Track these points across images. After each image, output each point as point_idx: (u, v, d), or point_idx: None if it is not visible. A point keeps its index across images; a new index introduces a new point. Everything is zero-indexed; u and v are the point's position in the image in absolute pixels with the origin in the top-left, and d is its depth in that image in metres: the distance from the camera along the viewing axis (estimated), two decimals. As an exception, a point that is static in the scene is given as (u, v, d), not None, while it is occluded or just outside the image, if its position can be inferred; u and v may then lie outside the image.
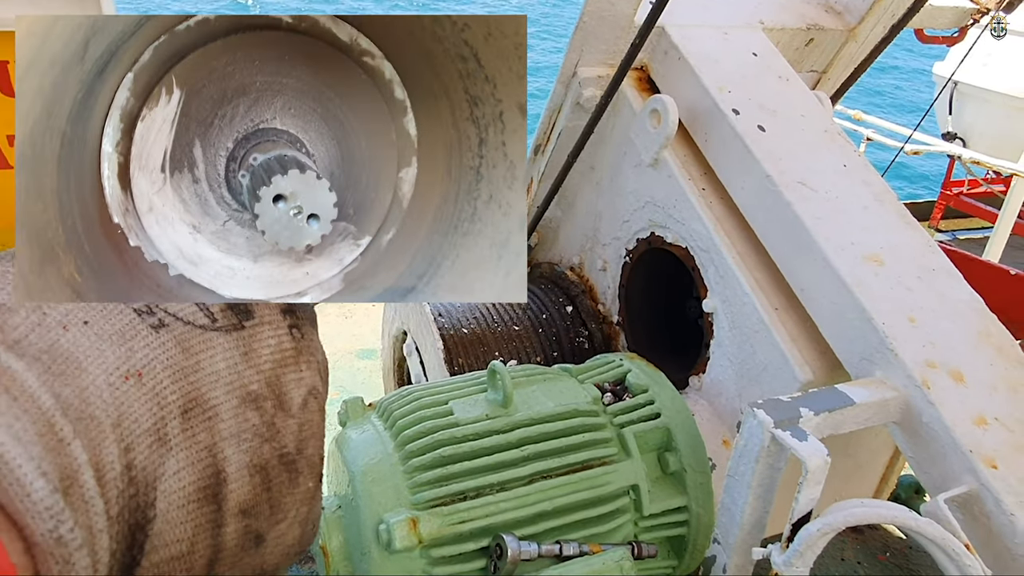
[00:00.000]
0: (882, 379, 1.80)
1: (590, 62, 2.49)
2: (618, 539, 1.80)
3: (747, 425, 1.63)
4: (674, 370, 2.31)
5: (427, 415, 1.81)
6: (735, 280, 2.16)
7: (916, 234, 2.10)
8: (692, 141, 2.40)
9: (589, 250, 2.89)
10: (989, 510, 1.59)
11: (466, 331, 2.61)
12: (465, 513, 1.66)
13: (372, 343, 4.61)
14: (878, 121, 5.94)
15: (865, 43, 2.87)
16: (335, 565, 1.70)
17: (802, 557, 1.50)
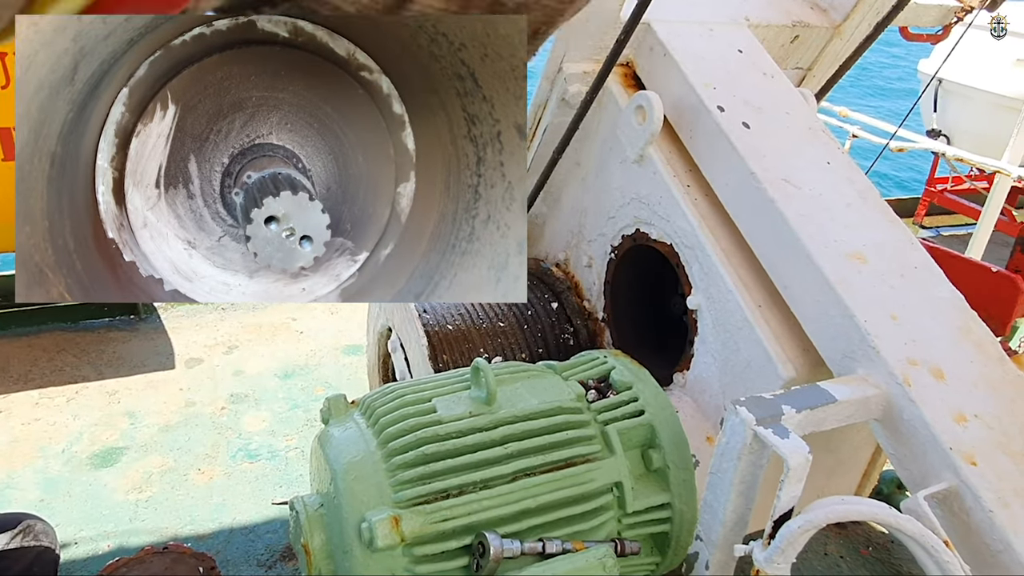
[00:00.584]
0: (864, 376, 1.80)
1: (575, 58, 2.48)
2: (601, 536, 1.80)
3: (729, 423, 1.63)
4: (659, 367, 2.31)
5: (410, 413, 1.80)
6: (719, 277, 2.17)
7: (899, 231, 2.11)
8: (677, 138, 2.40)
9: (575, 246, 2.89)
10: (968, 506, 1.60)
11: (451, 327, 2.60)
12: (448, 511, 1.65)
13: (358, 339, 4.60)
14: (863, 118, 5.96)
15: (850, 40, 2.88)
16: (317, 564, 1.69)
17: (783, 554, 1.50)
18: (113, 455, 3.57)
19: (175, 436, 3.73)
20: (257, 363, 4.38)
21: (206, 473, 3.49)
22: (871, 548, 3.29)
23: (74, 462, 3.51)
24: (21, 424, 3.73)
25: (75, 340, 4.45)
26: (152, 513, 3.24)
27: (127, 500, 3.30)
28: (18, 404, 3.87)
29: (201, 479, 3.46)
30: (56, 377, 4.11)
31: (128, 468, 3.49)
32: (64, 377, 4.11)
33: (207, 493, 3.38)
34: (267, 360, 4.42)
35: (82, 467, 3.48)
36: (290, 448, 3.69)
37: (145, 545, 2.26)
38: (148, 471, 3.48)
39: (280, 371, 4.32)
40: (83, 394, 3.99)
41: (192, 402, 3.99)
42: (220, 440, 3.72)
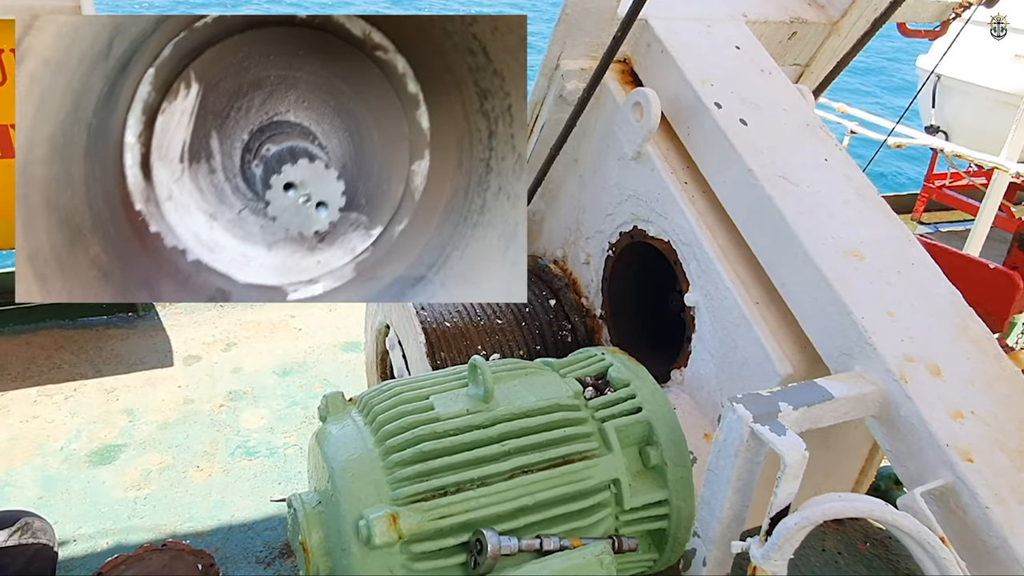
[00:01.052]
0: (861, 373, 1.81)
1: (573, 54, 2.48)
2: (599, 533, 1.80)
3: (726, 420, 1.63)
4: (657, 363, 2.31)
5: (407, 410, 1.80)
6: (716, 274, 2.17)
7: (896, 228, 2.11)
8: (675, 134, 2.40)
9: (572, 243, 2.89)
10: (965, 503, 1.60)
11: (448, 325, 2.60)
12: (445, 508, 1.65)
13: (356, 336, 4.60)
14: (862, 114, 5.96)
15: (848, 37, 2.87)
16: (315, 561, 1.69)
17: (780, 551, 1.50)
18: (111, 452, 3.57)
19: (173, 433, 3.73)
20: (255, 360, 4.38)
21: (205, 470, 3.50)
22: (869, 544, 3.30)
23: (72, 459, 3.51)
24: (19, 422, 3.73)
25: (73, 337, 4.45)
26: (151, 510, 3.25)
27: (126, 497, 3.30)
28: (16, 402, 3.87)
29: (200, 476, 3.46)
30: (54, 375, 4.11)
31: (126, 465, 3.49)
32: (62, 375, 4.11)
33: (206, 490, 3.38)
34: (265, 357, 4.42)
35: (80, 464, 3.48)
36: (288, 445, 3.70)
37: (144, 542, 2.26)
38: (147, 468, 3.48)
39: (278, 368, 4.32)
40: (81, 391, 3.99)
41: (190, 399, 3.99)
42: (219, 437, 3.73)
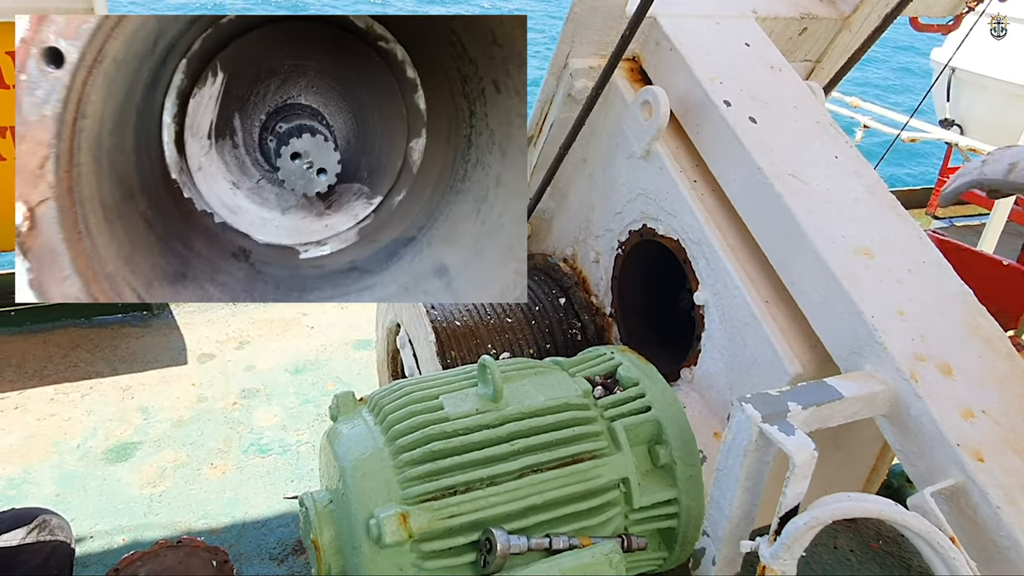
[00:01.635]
0: (871, 372, 1.80)
1: (581, 53, 2.48)
2: (608, 532, 1.81)
3: (735, 419, 1.63)
4: (666, 362, 2.31)
5: (417, 410, 1.81)
6: (726, 273, 2.16)
7: (907, 226, 2.10)
8: (684, 133, 2.39)
9: (582, 242, 2.89)
10: (975, 503, 1.60)
11: (459, 324, 2.61)
12: (455, 507, 1.67)
13: (368, 334, 4.62)
14: (875, 108, 5.92)
15: (859, 32, 2.85)
16: (326, 559, 1.71)
17: (789, 550, 1.51)
18: (127, 450, 3.61)
19: (188, 431, 3.77)
20: (268, 358, 4.41)
21: (219, 468, 3.53)
22: (881, 542, 3.29)
23: (89, 457, 3.55)
24: (37, 419, 3.78)
25: (89, 336, 4.50)
26: (166, 507, 3.28)
27: (141, 495, 3.34)
28: (34, 400, 3.93)
29: (214, 473, 3.49)
30: (71, 373, 4.16)
31: (142, 463, 3.53)
32: (78, 373, 4.16)
33: (220, 487, 3.41)
34: (278, 355, 4.45)
35: (97, 462, 3.53)
36: (301, 443, 3.72)
37: (159, 539, 2.29)
38: (162, 466, 3.52)
39: (291, 366, 4.35)
40: (97, 389, 4.04)
41: (204, 397, 4.03)
42: (232, 435, 3.76)
